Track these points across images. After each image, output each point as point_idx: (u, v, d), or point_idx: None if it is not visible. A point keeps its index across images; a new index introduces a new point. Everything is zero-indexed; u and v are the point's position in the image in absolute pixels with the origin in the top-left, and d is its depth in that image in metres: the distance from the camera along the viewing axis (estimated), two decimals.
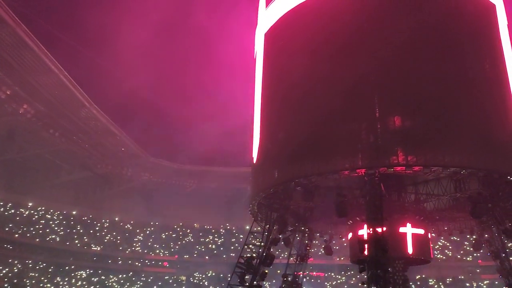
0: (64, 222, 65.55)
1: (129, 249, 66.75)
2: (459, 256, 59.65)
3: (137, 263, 66.13)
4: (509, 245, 34.94)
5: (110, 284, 62.40)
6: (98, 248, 64.81)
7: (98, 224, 68.22)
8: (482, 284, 57.51)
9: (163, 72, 62.13)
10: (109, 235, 67.38)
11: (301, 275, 42.15)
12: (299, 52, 32.63)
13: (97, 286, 61.22)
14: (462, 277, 59.15)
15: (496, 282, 50.46)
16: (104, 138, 59.75)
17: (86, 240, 65.07)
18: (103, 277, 62.89)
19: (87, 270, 63.00)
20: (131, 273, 64.97)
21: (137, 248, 67.37)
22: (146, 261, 66.47)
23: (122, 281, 63.27)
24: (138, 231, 69.61)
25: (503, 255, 37.19)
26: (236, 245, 65.06)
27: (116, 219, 69.50)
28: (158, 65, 59.20)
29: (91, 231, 66.68)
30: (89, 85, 59.83)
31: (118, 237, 67.45)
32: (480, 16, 32.11)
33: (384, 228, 27.17)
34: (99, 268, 63.71)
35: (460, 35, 30.36)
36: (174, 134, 68.20)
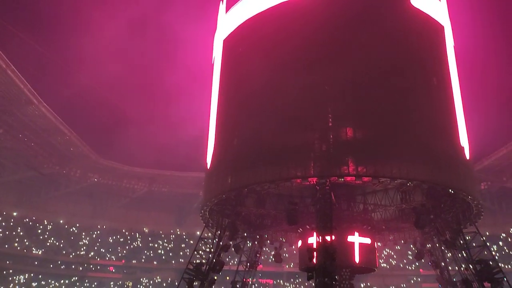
0: (4, 223, 62.22)
1: (73, 253, 64.21)
2: (401, 265, 61.79)
3: (80, 268, 63.71)
4: (448, 255, 36.54)
5: None
6: (40, 252, 61.94)
7: (41, 227, 65.23)
8: None
9: (119, 73, 60.79)
10: (52, 238, 64.55)
11: (250, 282, 42.15)
12: (257, 61, 32.88)
13: None
14: (404, 285, 61.29)
15: None
16: (52, 137, 57.40)
17: (27, 243, 62.01)
18: (43, 282, 60.08)
19: (27, 275, 59.99)
20: (74, 278, 62.47)
21: (82, 252, 64.94)
22: (91, 266, 64.16)
23: (63, 287, 60.70)
24: (83, 234, 67.17)
25: (443, 264, 38.96)
26: (186, 251, 64.20)
27: (61, 221, 66.76)
28: (115, 65, 57.78)
29: (33, 234, 63.64)
30: (39, 81, 57.44)
31: (62, 241, 64.74)
32: (430, 35, 33.80)
33: (333, 237, 27.73)
34: (40, 272, 60.83)
35: (411, 53, 31.76)
36: (126, 136, 66.48)
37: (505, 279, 30.15)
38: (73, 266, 63.53)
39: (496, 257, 34.81)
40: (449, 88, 32.90)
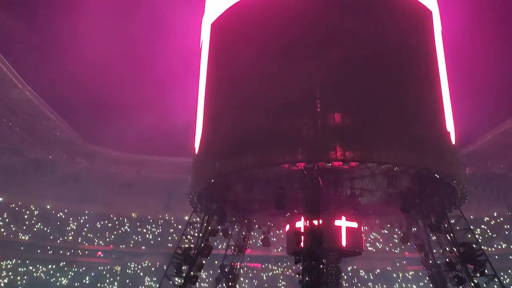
0: None
1: (60, 239, 63.98)
2: (387, 249, 62.80)
3: (68, 253, 63.57)
4: (433, 238, 37.21)
5: (38, 274, 59.56)
6: (27, 237, 61.61)
7: (27, 212, 64.75)
8: (407, 275, 61.00)
9: (106, 56, 59.78)
10: (39, 224, 64.17)
11: (238, 266, 42.54)
12: (246, 46, 32.64)
13: (25, 277, 58.21)
14: (390, 268, 62.40)
15: (420, 273, 53.69)
16: (37, 122, 56.61)
17: (13, 228, 61.59)
18: (31, 268, 59.90)
19: (14, 260, 59.74)
20: (62, 263, 62.38)
21: (70, 238, 64.73)
22: (79, 251, 64.07)
23: (51, 272, 60.60)
24: (71, 219, 66.87)
25: (428, 247, 39.71)
26: (174, 235, 64.37)
27: (48, 207, 66.32)
28: (102, 48, 56.80)
29: (20, 220, 63.18)
30: (23, 65, 56.30)
31: (49, 226, 64.40)
32: (418, 20, 33.85)
33: (320, 221, 28.03)
34: (27, 258, 60.61)
35: (398, 38, 31.81)
36: (114, 121, 65.85)
37: (487, 261, 30.90)
38: (61, 252, 63.36)
39: (480, 240, 35.57)
40: (436, 74, 33.11)
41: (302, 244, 28.01)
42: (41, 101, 52.90)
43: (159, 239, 67.38)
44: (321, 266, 28.77)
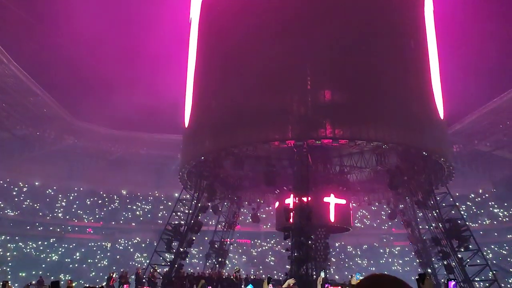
0: None
1: (50, 215, 63.93)
2: (375, 225, 63.89)
3: (58, 229, 63.65)
4: (420, 215, 37.95)
5: (28, 250, 59.69)
6: (15, 214, 61.46)
7: (16, 189, 64.38)
8: (394, 250, 62.29)
9: (95, 32, 58.62)
10: (28, 200, 63.93)
11: (228, 242, 43.07)
12: (236, 23, 32.30)
13: (14, 253, 58.31)
14: (377, 244, 63.61)
15: (406, 249, 54.88)
16: (24, 98, 55.66)
17: (1, 205, 61.33)
18: (20, 244, 59.94)
19: (3, 236, 59.70)
20: (52, 239, 62.50)
21: (59, 214, 64.70)
22: (69, 228, 64.14)
23: (41, 248, 60.76)
24: (60, 196, 66.69)
25: (414, 223, 40.55)
26: (164, 212, 64.59)
27: (37, 183, 65.99)
28: (91, 23, 55.59)
29: (8, 196, 62.85)
30: (9, 39, 55.01)
31: (38, 203, 64.21)
32: None
33: (309, 198, 28.40)
34: (16, 234, 60.57)
35: (389, 16, 31.72)
36: (103, 97, 65.09)
37: (471, 236, 31.71)
38: (50, 228, 63.33)
39: (465, 216, 36.37)
40: (426, 52, 33.15)
41: (291, 220, 28.42)
42: (27, 77, 51.94)
43: (149, 215, 67.64)
44: (309, 241, 29.31)
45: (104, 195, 69.04)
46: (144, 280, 31.36)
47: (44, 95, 55.35)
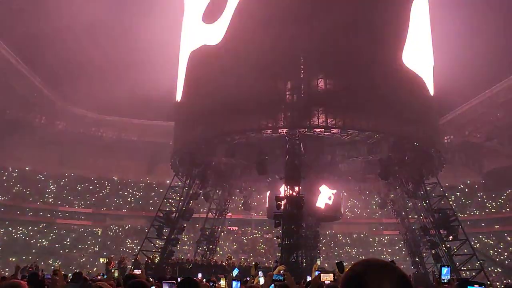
0: None
1: (40, 200, 63.64)
2: (365, 214, 64.42)
3: (49, 215, 63.41)
4: (409, 204, 38.33)
5: (18, 236, 59.51)
6: (5, 198, 61.08)
7: (6, 174, 63.92)
8: (383, 239, 62.98)
9: (87, 16, 57.70)
10: (18, 185, 63.54)
11: (219, 229, 43.24)
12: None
13: (4, 238, 58.10)
14: (366, 233, 64.25)
15: (396, 238, 55.47)
16: (14, 82, 55.02)
17: None
18: (10, 229, 59.71)
19: None
20: (42, 225, 62.31)
21: (50, 200, 64.42)
22: (59, 213, 63.93)
23: (32, 233, 60.58)
24: (51, 182, 66.34)
25: (404, 213, 40.94)
26: (156, 199, 64.56)
27: (27, 168, 65.53)
28: (83, 6, 54.55)
29: None
30: None
31: (28, 188, 63.86)
32: None
33: (301, 186, 28.53)
34: (6, 219, 60.29)
35: (381, 5, 31.64)
36: (95, 82, 64.39)
37: (460, 226, 32.13)
38: (40, 213, 63.08)
39: (453, 207, 36.78)
40: (420, 40, 33.11)
41: (282, 208, 28.56)
42: (17, 60, 51.30)
43: (140, 202, 67.58)
44: (300, 230, 29.54)
45: (95, 181, 68.79)
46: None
47: (35, 79, 54.74)
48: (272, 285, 6.90)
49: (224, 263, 33.31)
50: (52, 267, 31.88)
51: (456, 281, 8.86)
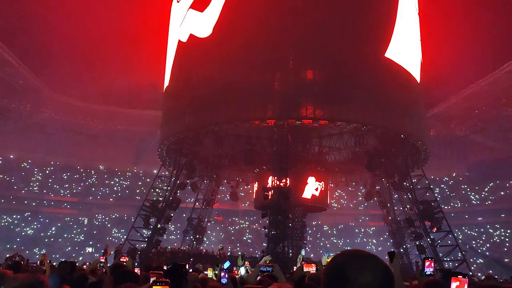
0: None
1: (25, 189, 62.95)
2: (351, 206, 65.02)
3: (33, 204, 62.80)
4: (395, 196, 38.76)
5: (3, 224, 58.89)
6: None
7: None
8: (368, 230, 63.72)
9: (76, 3, 56.84)
10: (2, 174, 62.74)
11: (206, 219, 43.29)
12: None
13: None
14: (352, 224, 64.93)
15: (381, 229, 56.15)
16: None
17: None
18: None
19: None
20: (26, 213, 61.72)
21: (35, 188, 63.76)
22: (44, 202, 63.34)
23: (16, 222, 60.00)
24: (36, 170, 65.61)
25: (389, 205, 41.41)
26: (142, 188, 64.27)
27: (11, 156, 64.68)
28: None
29: None
30: None
31: (13, 176, 63.08)
32: None
33: (288, 177, 28.64)
34: None
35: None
36: (81, 70, 63.50)
37: (444, 218, 32.63)
38: (25, 202, 62.45)
39: (438, 199, 37.29)
40: (408, 32, 33.23)
41: (269, 199, 28.67)
42: (2, 47, 50.30)
43: (127, 191, 67.24)
44: (286, 220, 29.70)
45: (81, 170, 68.18)
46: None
47: (20, 66, 53.82)
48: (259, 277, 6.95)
49: (216, 254, 33.50)
50: (37, 256, 31.60)
51: (440, 272, 9.01)
